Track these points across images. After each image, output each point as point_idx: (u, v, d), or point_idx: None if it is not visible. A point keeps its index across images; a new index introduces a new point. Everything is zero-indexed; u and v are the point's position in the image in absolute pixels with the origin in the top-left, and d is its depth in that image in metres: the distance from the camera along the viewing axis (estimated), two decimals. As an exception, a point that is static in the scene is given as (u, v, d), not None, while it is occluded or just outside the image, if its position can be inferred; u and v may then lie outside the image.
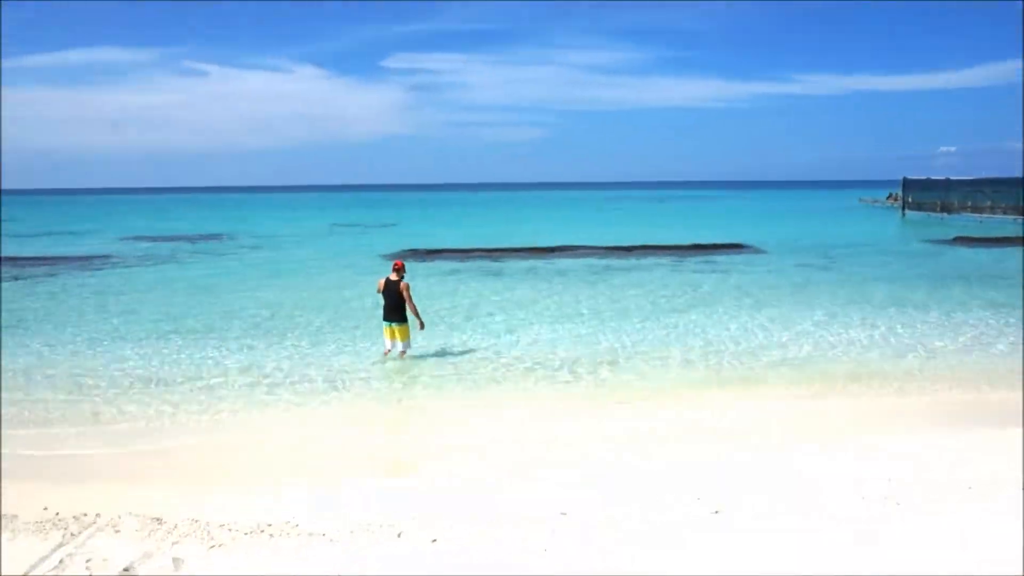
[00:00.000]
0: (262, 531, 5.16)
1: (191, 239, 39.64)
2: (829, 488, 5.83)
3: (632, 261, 25.75)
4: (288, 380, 10.22)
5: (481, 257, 27.44)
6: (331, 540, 5.01)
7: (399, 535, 5.05)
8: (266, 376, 10.43)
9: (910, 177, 52.22)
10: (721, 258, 25.98)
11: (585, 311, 15.40)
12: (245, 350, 12.04)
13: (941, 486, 5.83)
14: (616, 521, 5.23)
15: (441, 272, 22.78)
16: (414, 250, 30.10)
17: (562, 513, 5.37)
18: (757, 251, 28.43)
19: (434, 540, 4.96)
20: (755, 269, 22.77)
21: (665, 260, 25.73)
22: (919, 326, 13.32)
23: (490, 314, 15.17)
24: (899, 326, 13.30)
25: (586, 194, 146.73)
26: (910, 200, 51.06)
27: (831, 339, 12.46)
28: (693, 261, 25.15)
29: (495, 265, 24.79)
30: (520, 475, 6.58)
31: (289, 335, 13.11)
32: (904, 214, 50.22)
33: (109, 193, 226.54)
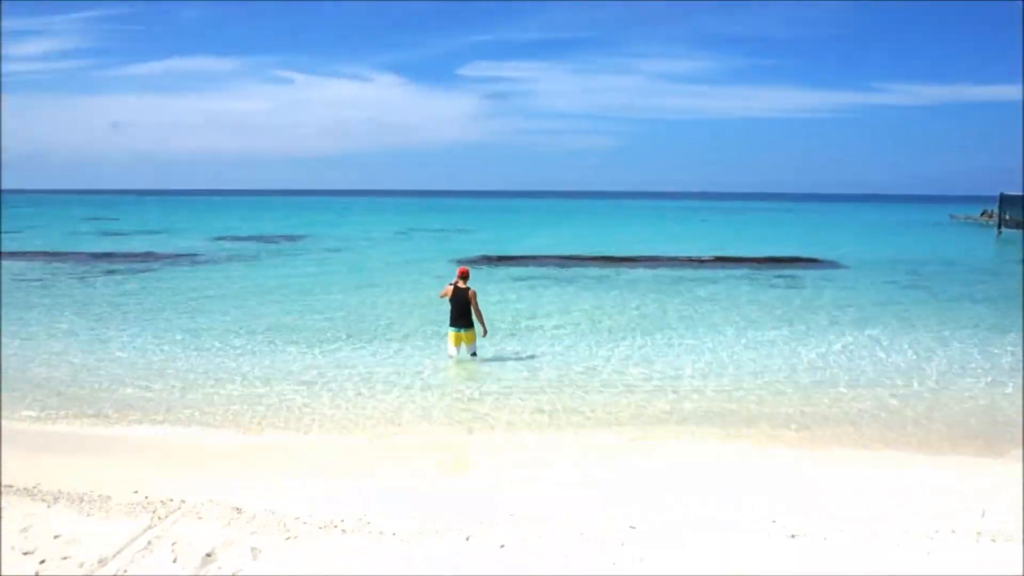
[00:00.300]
0: (335, 526, 5.30)
1: (274, 239, 41.25)
2: None
3: (705, 273, 25.24)
4: (360, 379, 10.46)
5: (551, 264, 27.44)
6: (400, 539, 5.10)
7: (467, 538, 5.10)
8: (339, 375, 10.70)
9: (1008, 193, 49.28)
10: (800, 272, 25.16)
11: (657, 322, 15.18)
12: (323, 349, 12.40)
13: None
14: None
15: (510, 278, 22.90)
16: (485, 256, 30.39)
17: (631, 527, 5.32)
18: (837, 266, 27.41)
19: (502, 546, 4.98)
20: (835, 285, 21.93)
21: (740, 273, 25.10)
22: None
23: (558, 324, 15.12)
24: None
25: (657, 204, 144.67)
26: (1007, 217, 48.18)
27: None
28: (769, 275, 24.45)
29: (565, 272, 24.75)
30: (588, 485, 6.54)
31: (364, 336, 13.44)
32: (1000, 232, 47.40)
33: (200, 194, 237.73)
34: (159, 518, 5.37)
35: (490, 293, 18.40)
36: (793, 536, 5.13)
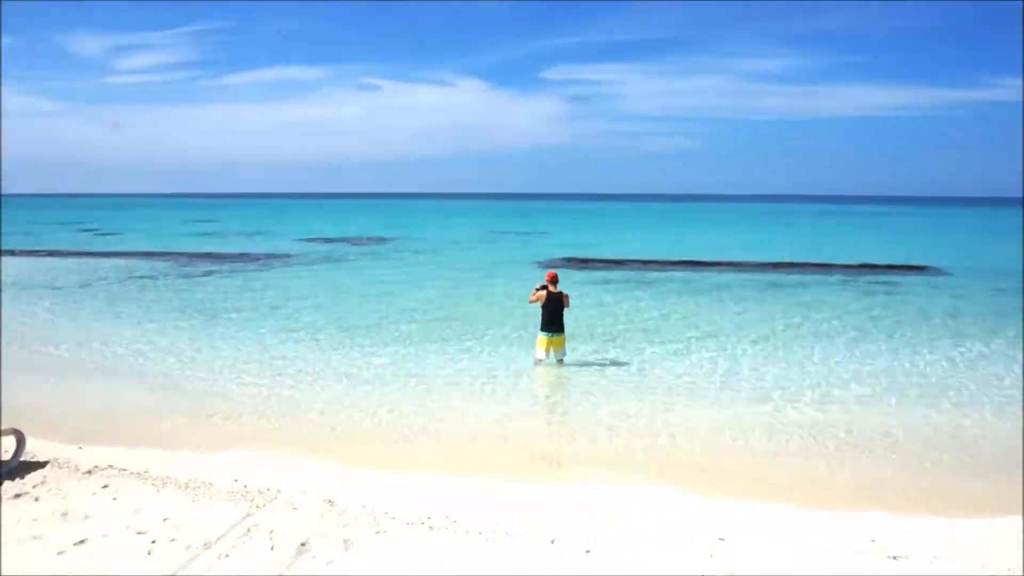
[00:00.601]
0: (422, 523, 5.39)
1: (361, 241, 42.55)
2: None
3: (796, 277, 24.34)
4: (449, 381, 10.61)
5: (635, 268, 27.11)
6: (486, 539, 5.14)
7: (552, 541, 5.08)
8: (428, 376, 10.90)
9: None
10: (899, 279, 23.87)
11: (745, 327, 14.72)
12: (411, 350, 12.67)
13: None
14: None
15: (593, 281, 22.74)
16: (568, 258, 30.33)
17: (720, 539, 5.17)
18: (940, 272, 25.85)
19: (587, 551, 4.94)
20: (941, 293, 20.66)
21: (834, 278, 24.06)
22: None
23: (646, 328, 14.89)
24: None
25: (743, 207, 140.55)
26: None
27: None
28: (865, 281, 23.31)
29: (649, 276, 24.39)
30: (675, 499, 6.41)
31: (451, 337, 13.63)
32: None
33: (291, 198, 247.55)
34: (257, 507, 5.61)
35: (574, 297, 18.31)
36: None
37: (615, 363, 11.61)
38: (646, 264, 28.29)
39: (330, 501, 5.78)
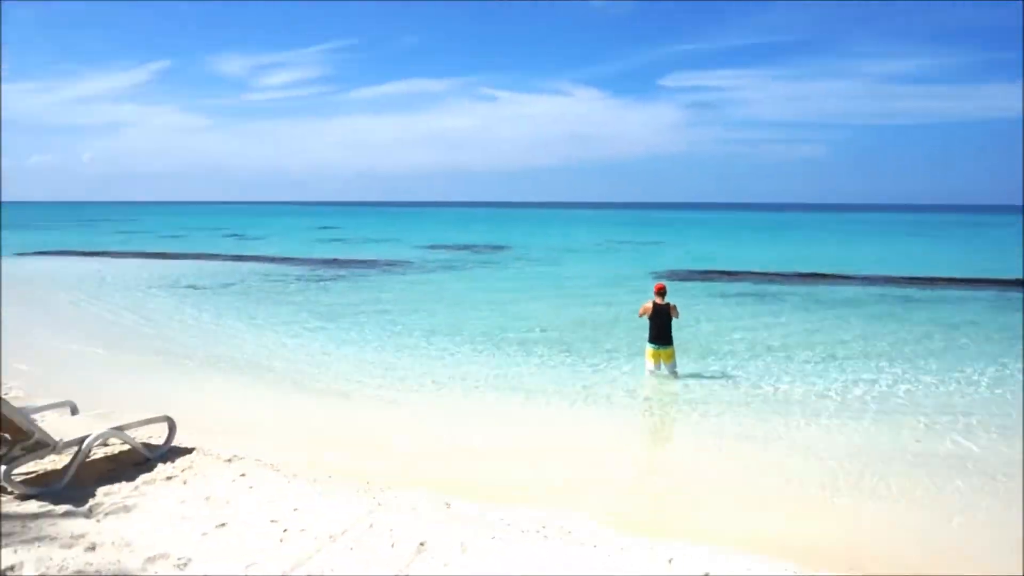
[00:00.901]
0: (537, 531, 5.40)
1: (479, 249, 43.49)
2: None
3: (936, 292, 22.54)
4: (561, 390, 10.61)
5: (755, 280, 26.06)
6: (603, 552, 5.06)
7: (670, 561, 4.95)
8: (541, 383, 10.94)
9: None
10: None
11: (872, 345, 13.76)
12: (525, 357, 12.77)
13: None
14: None
15: (711, 294, 22.06)
16: (687, 270, 29.61)
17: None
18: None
19: (706, 574, 4.77)
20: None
21: (983, 295, 22.08)
22: None
23: (767, 344, 14.25)
24: None
25: (876, 216, 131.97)
26: None
27: None
28: (1020, 299, 21.22)
29: (770, 288, 23.36)
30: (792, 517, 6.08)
31: (566, 346, 13.62)
32: None
33: (412, 206, 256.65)
34: (378, 504, 5.81)
35: (693, 309, 17.87)
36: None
37: (730, 378, 11.18)
38: (767, 276, 27.14)
39: (448, 504, 5.91)
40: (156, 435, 7.19)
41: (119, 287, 23.40)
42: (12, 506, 5.47)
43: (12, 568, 4.34)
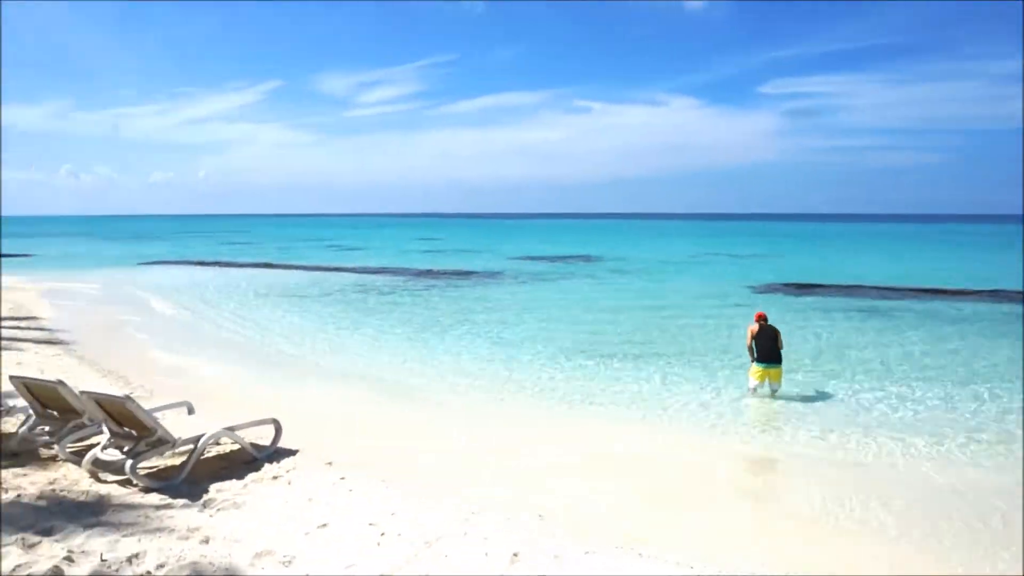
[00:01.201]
0: (633, 548, 5.30)
1: (571, 260, 43.47)
2: None
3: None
4: (662, 403, 10.42)
5: (862, 295, 24.74)
6: (694, 572, 4.92)
7: (772, 586, 4.74)
8: (638, 395, 10.80)
9: None
10: None
11: (995, 364, 12.74)
12: (619, 368, 12.62)
13: None
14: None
15: (813, 309, 21.08)
16: (786, 284, 28.46)
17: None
18: None
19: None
20: None
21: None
22: None
23: (869, 361, 13.48)
24: None
25: (1000, 227, 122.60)
26: None
27: None
28: None
29: (880, 304, 22.09)
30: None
31: (661, 359, 13.38)
32: None
33: (504, 218, 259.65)
34: (472, 513, 5.85)
35: (794, 325, 17.18)
36: None
37: (834, 397, 10.64)
38: (876, 291, 25.71)
39: (541, 515, 5.89)
40: (263, 436, 7.54)
41: (231, 295, 24.80)
42: (137, 497, 5.86)
43: (136, 555, 4.64)
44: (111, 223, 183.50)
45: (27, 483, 6.04)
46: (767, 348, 10.57)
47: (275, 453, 7.22)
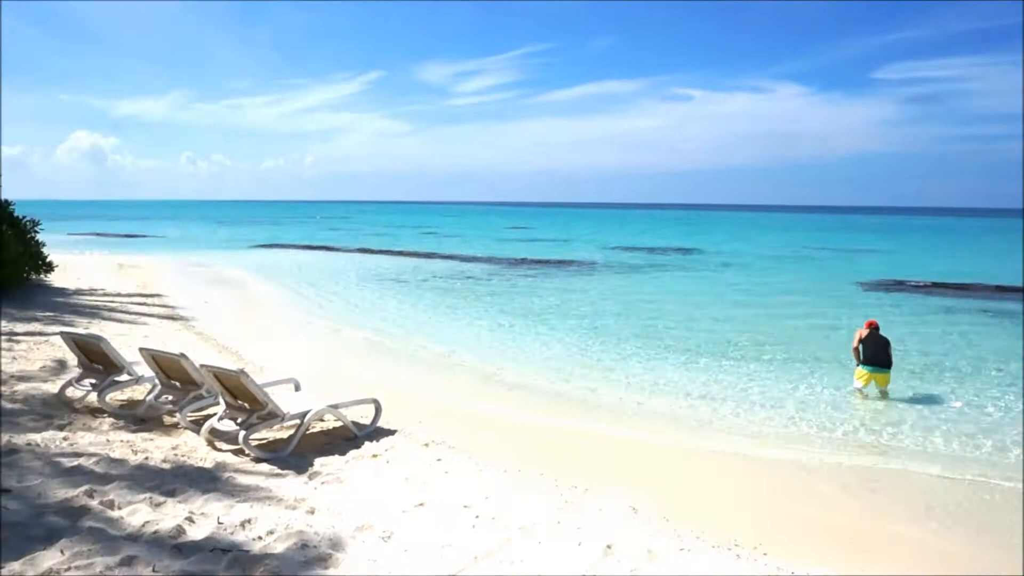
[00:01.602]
0: (730, 549, 5.16)
1: (665, 251, 42.63)
2: None
3: None
4: (755, 399, 10.09)
5: (987, 295, 23.02)
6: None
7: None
8: (736, 391, 10.50)
9: None
10: None
11: None
12: (721, 363, 12.30)
13: None
14: None
15: (930, 310, 19.77)
16: (897, 280, 26.87)
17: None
18: None
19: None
20: None
21: None
22: None
23: (999, 368, 12.51)
24: None
25: None
26: None
27: None
28: None
29: (1006, 306, 20.47)
30: None
31: (763, 357, 12.95)
32: None
33: (595, 207, 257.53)
34: (566, 502, 5.86)
35: (908, 325, 16.22)
36: None
37: (947, 403, 9.95)
38: (1004, 291, 23.84)
39: (634, 508, 5.82)
40: (364, 415, 7.81)
41: (334, 279, 25.85)
42: (249, 466, 6.22)
43: (248, 521, 4.92)
44: (225, 207, 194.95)
45: (153, 447, 6.53)
46: (875, 353, 10.13)
47: (375, 432, 7.47)
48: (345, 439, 7.22)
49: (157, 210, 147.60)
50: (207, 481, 5.72)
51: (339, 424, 7.51)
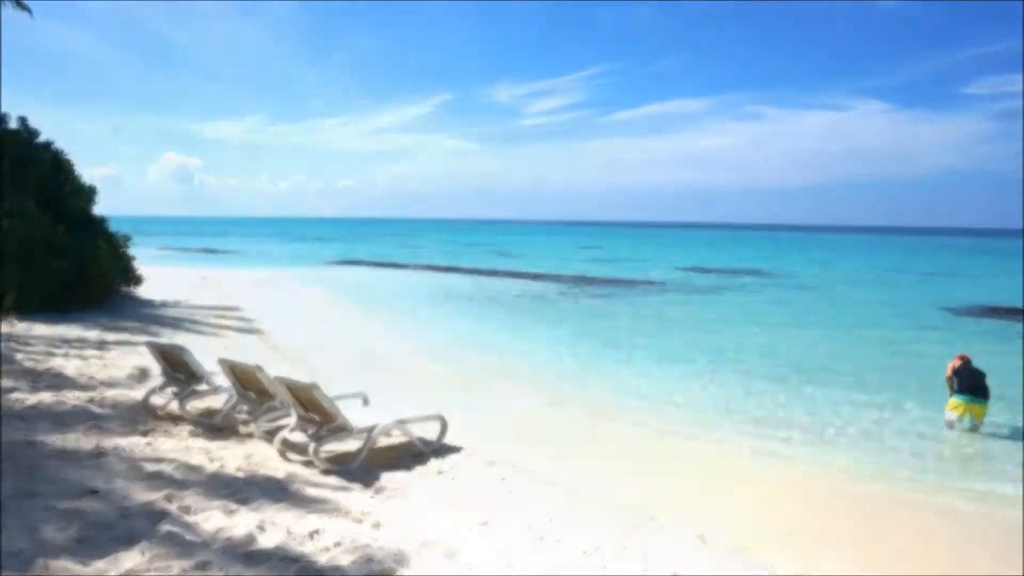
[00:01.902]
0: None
1: (739, 273, 41.63)
2: None
3: None
4: (833, 426, 9.70)
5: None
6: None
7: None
8: (810, 417, 10.12)
9: None
10: None
11: None
12: (791, 388, 11.90)
13: None
14: None
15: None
16: (991, 307, 25.40)
17: None
18: None
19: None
20: None
21: None
22: None
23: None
24: None
25: None
26: None
27: None
28: None
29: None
30: None
31: (845, 386, 12.43)
32: None
33: (665, 226, 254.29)
34: (632, 527, 5.73)
35: (998, 356, 15.28)
36: None
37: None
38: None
39: (701, 537, 5.64)
40: (430, 432, 7.88)
41: (404, 295, 26.34)
42: (318, 478, 6.35)
43: (316, 532, 5.01)
44: (302, 225, 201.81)
45: (228, 455, 6.75)
46: (972, 383, 9.63)
47: (440, 448, 7.52)
48: (411, 455, 7.29)
49: (239, 227, 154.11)
50: (278, 491, 5.86)
51: (405, 439, 7.59)
